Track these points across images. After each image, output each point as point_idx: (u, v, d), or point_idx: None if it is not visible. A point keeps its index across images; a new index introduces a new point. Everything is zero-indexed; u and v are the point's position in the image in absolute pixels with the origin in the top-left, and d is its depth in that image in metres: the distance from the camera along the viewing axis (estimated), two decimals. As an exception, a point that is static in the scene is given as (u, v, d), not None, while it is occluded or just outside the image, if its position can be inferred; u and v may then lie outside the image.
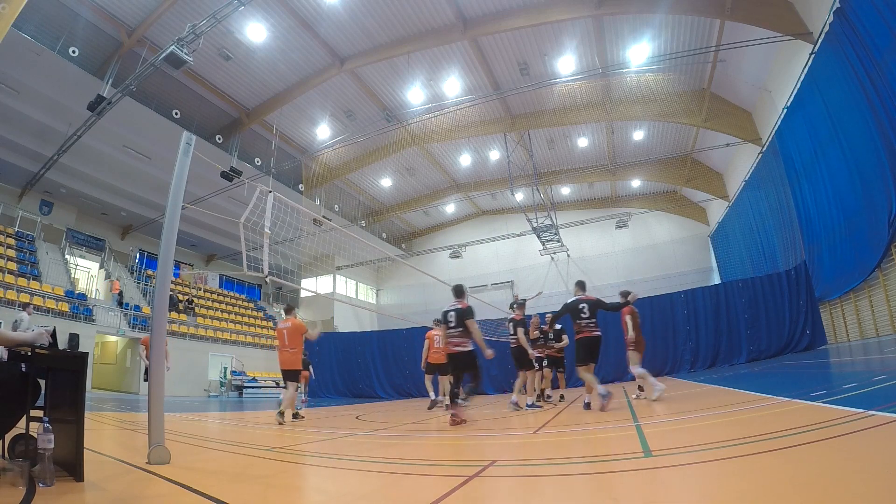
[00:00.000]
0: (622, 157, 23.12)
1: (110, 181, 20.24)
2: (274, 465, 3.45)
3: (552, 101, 18.88)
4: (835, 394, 4.08)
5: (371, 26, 15.89)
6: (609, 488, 2.16)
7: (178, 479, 2.64)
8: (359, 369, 17.77)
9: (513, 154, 20.87)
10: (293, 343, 6.90)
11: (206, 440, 5.14)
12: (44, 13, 13.64)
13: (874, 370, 5.03)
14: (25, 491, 2.23)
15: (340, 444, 4.53)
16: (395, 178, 25.87)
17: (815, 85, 11.81)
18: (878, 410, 2.87)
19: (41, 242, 20.13)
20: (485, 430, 5.03)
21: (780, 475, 1.91)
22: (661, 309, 14.56)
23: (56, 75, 14.74)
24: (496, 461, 3.07)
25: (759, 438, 2.75)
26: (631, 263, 26.45)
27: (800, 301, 12.74)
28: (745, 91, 16.79)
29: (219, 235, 25.54)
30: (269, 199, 4.95)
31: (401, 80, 18.18)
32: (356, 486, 2.79)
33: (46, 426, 2.33)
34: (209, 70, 17.52)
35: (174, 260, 3.80)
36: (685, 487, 2.06)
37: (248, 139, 21.19)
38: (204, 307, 24.12)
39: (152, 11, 14.64)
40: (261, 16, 14.99)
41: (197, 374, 20.04)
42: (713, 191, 22.66)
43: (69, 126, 16.12)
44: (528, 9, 15.09)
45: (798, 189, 13.69)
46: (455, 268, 28.11)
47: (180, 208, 3.68)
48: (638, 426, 4.10)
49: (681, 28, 15.29)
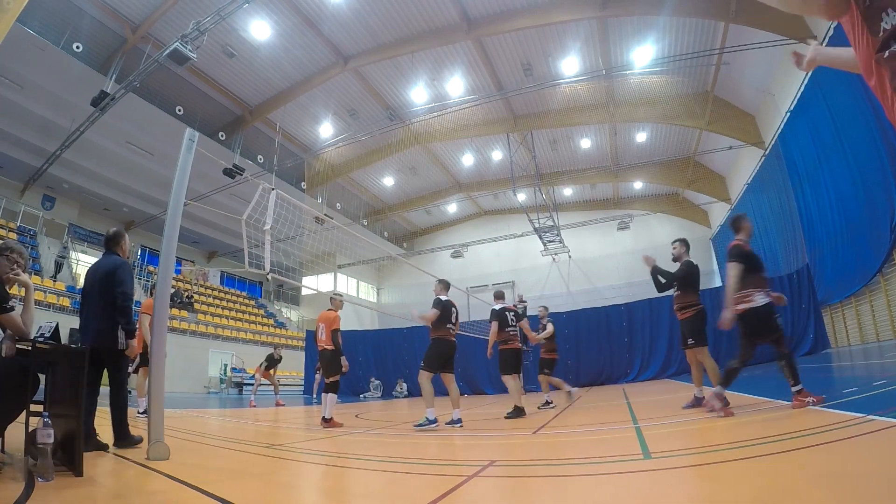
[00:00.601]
0: (625, 158, 23.10)
1: (113, 177, 20.28)
2: (274, 462, 3.46)
3: (555, 102, 18.87)
4: (835, 398, 4.07)
5: (375, 25, 15.90)
6: (608, 490, 2.16)
7: (178, 476, 2.64)
8: (359, 368, 17.77)
9: (515, 154, 20.85)
10: None
11: (205, 437, 5.15)
12: (48, 8, 13.68)
13: (875, 375, 5.02)
14: (25, 485, 2.24)
15: (340, 443, 4.54)
16: (397, 177, 25.88)
17: (818, 89, 11.78)
18: (877, 415, 2.87)
19: (43, 237, 20.17)
20: (484, 431, 5.03)
21: (780, 479, 1.91)
22: (661, 311, 14.55)
23: (60, 71, 14.76)
24: (495, 461, 3.07)
25: (758, 442, 2.75)
26: (632, 265, 26.36)
27: (802, 305, 12.71)
28: (749, 94, 16.75)
29: (221, 232, 25.58)
30: (271, 196, 4.95)
31: (404, 79, 18.18)
32: (356, 484, 2.79)
33: (46, 421, 2.34)
34: (213, 67, 17.53)
35: (176, 256, 3.79)
36: (684, 489, 2.06)
37: (251, 136, 21.21)
38: (205, 304, 24.15)
39: (156, 8, 14.67)
40: (265, 13, 15.00)
41: (197, 370, 20.06)
42: (715, 193, 22.63)
43: (72, 121, 16.15)
44: (533, 9, 15.08)
45: (801, 193, 13.66)
46: (456, 267, 28.10)
47: (182, 205, 3.68)
48: (637, 428, 4.10)
49: (685, 31, 15.27)
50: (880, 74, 1.12)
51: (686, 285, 5.23)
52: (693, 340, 5.11)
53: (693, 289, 5.22)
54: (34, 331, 2.98)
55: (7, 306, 2.73)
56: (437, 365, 5.49)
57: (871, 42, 1.13)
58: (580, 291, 26.11)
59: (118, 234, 4.31)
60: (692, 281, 5.23)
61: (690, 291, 5.21)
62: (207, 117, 19.65)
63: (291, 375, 21.56)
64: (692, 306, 5.17)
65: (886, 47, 1.08)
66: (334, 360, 6.35)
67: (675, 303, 5.32)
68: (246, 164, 19.93)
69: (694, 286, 5.22)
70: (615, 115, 19.10)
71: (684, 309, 5.22)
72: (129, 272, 4.01)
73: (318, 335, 6.54)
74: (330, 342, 6.36)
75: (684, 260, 5.30)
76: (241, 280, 30.59)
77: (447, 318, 5.60)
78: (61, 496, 2.17)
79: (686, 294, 5.22)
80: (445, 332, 5.56)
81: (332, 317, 6.51)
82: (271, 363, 12.55)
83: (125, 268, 4.01)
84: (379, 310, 29.46)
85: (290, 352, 22.41)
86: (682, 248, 5.34)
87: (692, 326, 5.12)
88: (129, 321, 3.86)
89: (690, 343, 5.13)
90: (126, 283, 3.89)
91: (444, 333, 5.56)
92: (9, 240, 13.24)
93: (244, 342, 22.87)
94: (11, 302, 2.79)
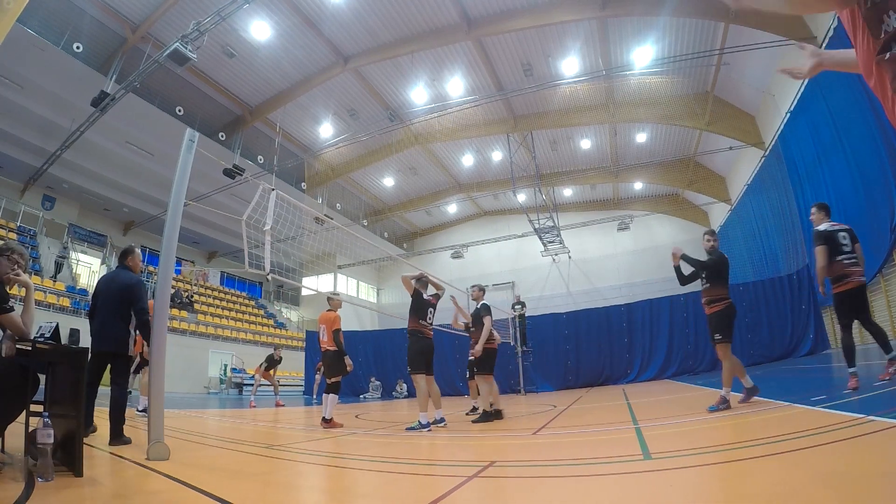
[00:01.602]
0: (625, 159, 23.09)
1: (113, 177, 20.27)
2: (273, 462, 3.46)
3: (555, 103, 18.86)
4: (835, 399, 4.07)
5: (375, 25, 15.90)
6: (609, 490, 2.16)
7: (177, 476, 2.64)
8: (359, 368, 17.76)
9: (515, 155, 20.85)
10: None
11: (205, 437, 5.15)
12: (49, 9, 13.68)
13: (874, 376, 5.02)
14: (25, 485, 2.24)
15: (340, 443, 4.53)
16: (397, 177, 25.88)
17: (818, 89, 11.78)
18: (877, 416, 2.87)
19: (43, 237, 20.16)
20: (484, 431, 5.03)
21: (780, 479, 1.91)
22: (660, 312, 14.56)
23: (60, 71, 14.76)
24: (495, 461, 3.07)
25: (759, 442, 2.75)
26: (632, 265, 26.42)
27: (802, 306, 12.71)
28: (749, 94, 16.75)
29: (221, 232, 25.57)
30: (271, 196, 4.95)
31: (404, 79, 18.18)
32: (355, 484, 2.79)
33: (46, 421, 2.34)
34: (213, 67, 17.53)
35: (176, 256, 3.81)
36: (685, 490, 2.06)
37: (251, 137, 21.21)
38: (205, 304, 24.15)
39: (157, 8, 14.67)
40: (265, 14, 15.00)
41: (197, 371, 20.05)
42: (715, 194, 22.63)
43: (72, 122, 16.14)
44: (533, 9, 15.08)
45: (801, 193, 13.65)
46: (457, 268, 28.08)
47: (182, 205, 3.68)
48: (638, 429, 4.10)
49: (685, 31, 15.27)
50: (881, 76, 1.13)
51: (715, 277, 5.06)
52: (719, 336, 4.95)
53: (722, 282, 5.06)
54: (34, 331, 2.98)
55: (7, 306, 2.73)
56: (422, 364, 5.60)
57: (872, 43, 1.13)
58: (580, 292, 26.11)
59: (129, 249, 4.75)
60: (721, 272, 5.08)
61: (719, 284, 5.05)
62: (207, 117, 19.65)
63: (291, 376, 21.56)
64: (721, 300, 5.03)
65: (887, 49, 1.09)
66: (336, 361, 6.37)
67: (703, 296, 5.15)
68: (246, 165, 19.93)
69: (723, 279, 5.06)
70: (615, 116, 19.09)
71: (713, 302, 5.05)
72: (144, 290, 4.53)
73: (320, 337, 6.58)
74: (332, 343, 6.39)
75: (715, 251, 5.16)
76: (241, 280, 30.59)
77: (421, 311, 5.78)
78: (61, 496, 2.17)
79: (714, 287, 5.06)
80: (419, 326, 5.72)
81: (333, 317, 6.54)
82: (271, 364, 12.56)
83: (141, 286, 4.51)
84: (379, 310, 29.44)
85: (290, 352, 22.41)
86: (713, 241, 5.18)
87: (719, 321, 4.97)
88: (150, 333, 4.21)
89: (717, 338, 4.97)
90: (143, 300, 4.42)
91: (418, 327, 5.72)
92: (9, 240, 13.23)
93: (244, 342, 22.87)
94: (11, 302, 2.80)
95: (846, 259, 4.78)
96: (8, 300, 2.76)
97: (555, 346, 15.30)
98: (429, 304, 5.89)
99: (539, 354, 14.95)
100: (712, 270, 5.06)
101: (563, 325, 15.64)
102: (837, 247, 4.81)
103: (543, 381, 14.87)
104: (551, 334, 15.46)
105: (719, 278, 5.04)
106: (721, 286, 5.05)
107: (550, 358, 15.19)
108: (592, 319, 15.52)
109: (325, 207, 23.66)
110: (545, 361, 15.09)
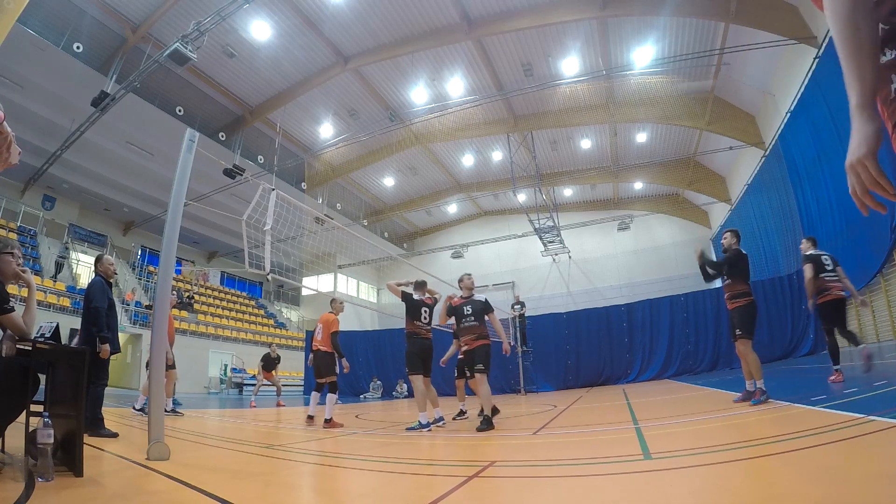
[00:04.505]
0: (625, 159, 23.08)
1: (113, 177, 20.27)
2: (273, 462, 3.46)
3: (555, 103, 18.86)
4: (835, 398, 4.07)
5: (375, 25, 15.89)
6: (609, 490, 2.16)
7: (177, 476, 2.64)
8: (360, 368, 17.76)
9: (515, 155, 20.85)
10: None
11: (205, 437, 5.15)
12: (49, 9, 13.67)
13: (874, 376, 5.03)
14: (25, 485, 2.24)
15: (340, 443, 4.54)
16: (397, 177, 25.87)
17: (818, 89, 11.77)
18: (877, 416, 2.87)
19: (43, 237, 20.17)
20: (484, 431, 5.03)
21: (780, 479, 1.91)
22: (661, 312, 14.56)
23: (60, 71, 14.76)
24: (496, 461, 3.07)
25: (759, 442, 2.75)
26: (632, 265, 26.42)
27: (802, 306, 12.71)
28: (749, 94, 16.74)
29: (221, 232, 25.57)
30: (271, 196, 4.95)
31: (404, 79, 18.18)
32: (356, 484, 2.79)
33: (46, 421, 2.34)
34: (213, 67, 17.53)
35: (176, 256, 3.81)
36: (685, 490, 2.06)
37: (252, 137, 21.21)
38: (205, 304, 24.15)
39: (157, 8, 14.66)
40: (265, 14, 15.00)
41: (197, 370, 20.06)
42: (715, 194, 22.62)
43: (72, 122, 16.15)
44: (533, 9, 15.07)
45: (801, 193, 13.65)
46: (457, 268, 28.06)
47: (183, 205, 3.68)
48: (638, 429, 4.10)
49: (685, 31, 15.26)
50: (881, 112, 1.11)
51: (734, 273, 5.19)
52: (740, 331, 5.03)
53: (742, 278, 5.18)
54: (34, 331, 2.99)
55: (8, 307, 2.73)
56: (418, 364, 5.59)
57: None
58: (580, 292, 26.10)
59: (98, 257, 5.32)
60: (740, 269, 5.20)
61: (740, 280, 5.17)
62: (207, 117, 19.65)
63: (291, 376, 21.57)
64: (743, 296, 5.12)
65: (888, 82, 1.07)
66: (325, 362, 6.45)
67: (726, 291, 5.28)
68: (246, 165, 19.92)
69: (742, 275, 5.19)
70: (615, 116, 19.09)
71: (734, 298, 5.16)
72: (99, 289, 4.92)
73: (314, 335, 6.61)
74: (325, 344, 6.46)
75: (733, 248, 5.29)
76: (241, 280, 30.59)
77: (415, 313, 5.78)
78: (61, 496, 2.17)
79: (735, 283, 5.18)
80: (414, 328, 5.72)
81: (332, 319, 6.62)
82: (268, 363, 12.50)
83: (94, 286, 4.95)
84: (379, 310, 29.44)
85: (291, 352, 22.43)
86: (732, 239, 5.33)
87: (740, 317, 5.06)
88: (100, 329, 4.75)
89: (738, 334, 5.04)
90: (97, 298, 4.82)
91: (414, 329, 5.73)
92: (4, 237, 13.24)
93: (244, 342, 22.88)
94: (11, 302, 2.80)
95: (828, 276, 5.91)
96: (8, 300, 2.76)
97: (555, 346, 15.30)
98: (422, 304, 5.85)
99: (539, 354, 14.95)
100: (730, 267, 5.25)
101: (563, 325, 15.64)
102: (821, 266, 5.93)
103: (543, 381, 14.87)
104: (551, 334, 15.46)
105: (738, 274, 5.20)
106: (741, 282, 5.19)
107: (550, 358, 15.19)
108: (592, 319, 15.52)
109: (326, 207, 23.67)
110: (545, 361, 15.09)
